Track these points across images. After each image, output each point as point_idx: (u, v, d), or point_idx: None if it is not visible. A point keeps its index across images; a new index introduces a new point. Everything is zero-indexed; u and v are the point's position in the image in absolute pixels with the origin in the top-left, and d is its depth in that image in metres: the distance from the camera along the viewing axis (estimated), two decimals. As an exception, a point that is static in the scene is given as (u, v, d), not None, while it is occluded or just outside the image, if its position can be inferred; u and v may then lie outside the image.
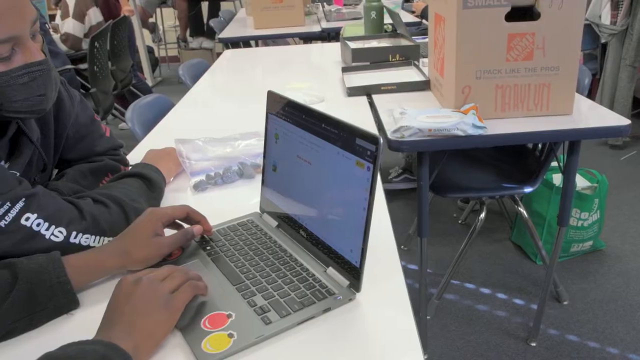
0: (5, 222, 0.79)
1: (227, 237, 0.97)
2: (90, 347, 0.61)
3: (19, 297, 0.74)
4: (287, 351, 0.71)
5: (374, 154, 0.72)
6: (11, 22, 0.76)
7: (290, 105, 0.91)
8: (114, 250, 0.85)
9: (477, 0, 1.38)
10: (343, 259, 0.81)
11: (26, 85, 0.80)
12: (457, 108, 1.47)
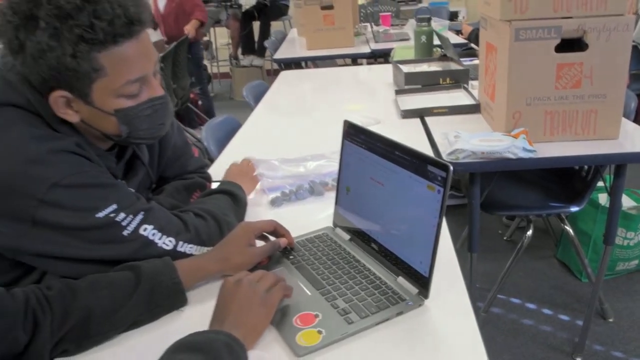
0: (128, 232, 0.94)
1: (306, 247, 1.10)
2: (215, 336, 0.75)
3: (142, 295, 0.89)
4: (367, 347, 0.83)
5: (445, 179, 0.84)
6: (141, 65, 0.91)
7: (366, 134, 1.04)
8: (215, 257, 0.99)
9: (529, 33, 1.48)
10: (412, 269, 0.93)
11: (150, 117, 0.96)
12: (508, 132, 1.58)
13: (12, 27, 0.83)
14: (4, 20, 0.83)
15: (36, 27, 0.82)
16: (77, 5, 0.82)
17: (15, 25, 0.83)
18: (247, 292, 0.85)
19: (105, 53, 0.86)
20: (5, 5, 0.83)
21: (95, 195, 0.92)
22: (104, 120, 0.93)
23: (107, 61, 0.87)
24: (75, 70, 0.85)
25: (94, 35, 0.83)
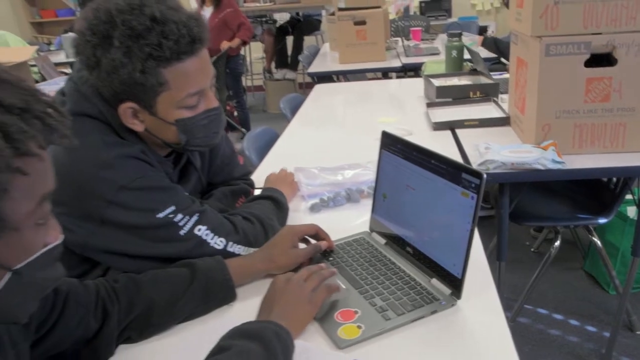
0: (184, 231, 1.03)
1: (344, 250, 1.17)
2: (265, 325, 0.82)
3: (197, 289, 0.97)
4: (403, 343, 0.89)
5: (478, 186, 0.91)
6: (200, 79, 1.00)
7: (403, 143, 1.11)
8: (262, 257, 1.07)
9: (559, 49, 1.54)
10: (446, 272, 1.00)
11: (206, 126, 1.05)
12: (537, 144, 1.63)
13: (90, 46, 0.93)
14: (83, 40, 0.94)
15: (111, 46, 0.91)
16: (147, 27, 0.91)
17: (93, 44, 0.93)
18: (296, 290, 0.92)
19: (170, 69, 0.95)
20: (85, 27, 0.93)
21: (156, 197, 1.01)
22: (166, 129, 1.03)
23: (171, 76, 0.96)
24: (143, 84, 0.95)
25: (162, 53, 0.93)
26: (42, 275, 0.62)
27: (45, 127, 0.55)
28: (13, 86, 0.54)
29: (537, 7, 1.53)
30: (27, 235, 0.58)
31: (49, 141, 0.56)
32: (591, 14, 1.52)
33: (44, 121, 0.55)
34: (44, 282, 0.63)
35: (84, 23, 0.94)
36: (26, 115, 0.54)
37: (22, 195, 0.55)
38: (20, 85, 0.55)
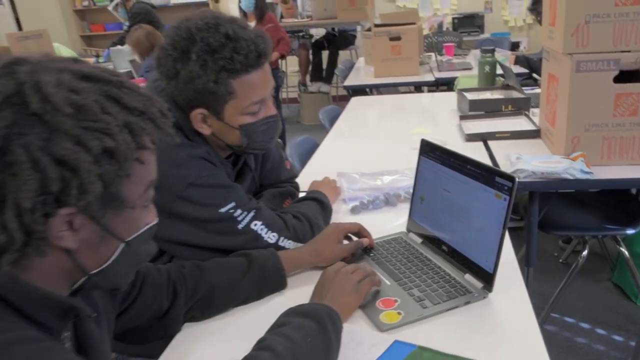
0: (242, 226, 1.15)
1: (384, 247, 1.27)
2: (318, 306, 0.93)
3: (253, 277, 1.09)
4: (439, 329, 0.99)
5: (511, 189, 1.01)
6: (263, 89, 1.13)
7: (440, 150, 1.22)
8: (310, 250, 1.18)
9: (589, 65, 1.62)
10: (478, 267, 1.09)
11: (264, 131, 1.17)
12: (567, 155, 1.71)
13: (171, 59, 1.06)
14: (165, 54, 1.07)
15: (189, 59, 1.05)
16: (222, 43, 1.05)
17: (174, 57, 1.06)
18: (344, 280, 1.03)
19: (238, 80, 1.08)
20: (167, 42, 1.07)
21: (219, 194, 1.14)
22: (230, 133, 1.15)
23: (239, 86, 1.09)
24: (215, 93, 1.08)
25: (233, 66, 1.06)
26: (143, 248, 0.74)
27: (156, 127, 0.68)
28: (134, 92, 0.67)
29: (569, 26, 1.62)
30: (137, 214, 0.70)
31: (158, 138, 0.69)
32: (620, 33, 1.60)
33: (155, 122, 0.68)
34: (143, 254, 0.76)
35: (167, 39, 1.07)
36: (144, 116, 0.66)
37: (138, 180, 0.68)
38: (139, 91, 0.68)
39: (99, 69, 0.66)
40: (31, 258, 0.62)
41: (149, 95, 0.68)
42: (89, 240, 0.66)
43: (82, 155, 0.59)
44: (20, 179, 0.57)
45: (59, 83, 0.60)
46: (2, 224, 0.57)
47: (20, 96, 0.58)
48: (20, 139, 0.57)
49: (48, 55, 0.64)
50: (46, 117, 0.58)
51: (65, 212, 0.61)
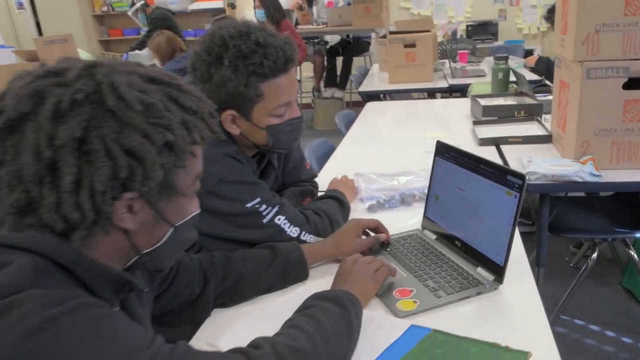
0: (266, 220, 1.23)
1: (400, 243, 1.34)
2: (340, 292, 1.00)
3: (277, 267, 1.16)
4: (452, 317, 1.05)
5: (521, 186, 1.07)
6: (289, 92, 1.21)
7: (455, 151, 1.28)
8: (331, 244, 1.26)
9: (599, 73, 1.69)
10: (490, 260, 1.15)
11: (289, 132, 1.25)
12: (577, 159, 1.77)
13: (205, 64, 1.15)
14: (199, 59, 1.16)
15: (222, 64, 1.13)
16: (253, 49, 1.13)
17: (208, 62, 1.15)
18: (361, 269, 1.10)
19: (267, 83, 1.16)
20: (202, 49, 1.16)
21: (246, 190, 1.22)
22: (257, 133, 1.23)
23: (267, 89, 1.17)
24: (245, 96, 1.16)
25: (262, 70, 1.14)
26: (188, 235, 0.82)
27: (206, 125, 0.76)
28: (189, 94, 0.75)
29: (579, 34, 1.69)
30: (186, 202, 0.78)
31: (207, 135, 0.77)
32: (629, 42, 1.66)
33: (205, 120, 0.76)
34: (187, 240, 0.83)
35: (202, 46, 1.16)
36: (197, 115, 0.74)
37: (190, 171, 0.76)
38: (193, 93, 0.76)
39: (160, 73, 0.74)
40: (95, 236, 0.70)
41: (201, 97, 0.76)
42: (145, 223, 0.73)
43: (147, 147, 0.67)
44: (95, 165, 0.65)
45: (130, 84, 0.68)
46: (77, 203, 0.65)
47: (98, 94, 0.66)
48: (97, 130, 0.65)
49: (117, 60, 0.73)
50: (119, 113, 0.66)
51: (129, 196, 0.69)
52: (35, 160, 0.64)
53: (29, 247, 0.66)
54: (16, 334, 0.58)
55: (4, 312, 0.59)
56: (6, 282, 0.61)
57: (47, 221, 0.66)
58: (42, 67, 0.69)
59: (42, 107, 0.64)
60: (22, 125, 0.65)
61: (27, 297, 0.60)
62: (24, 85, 0.66)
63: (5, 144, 0.65)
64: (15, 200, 0.65)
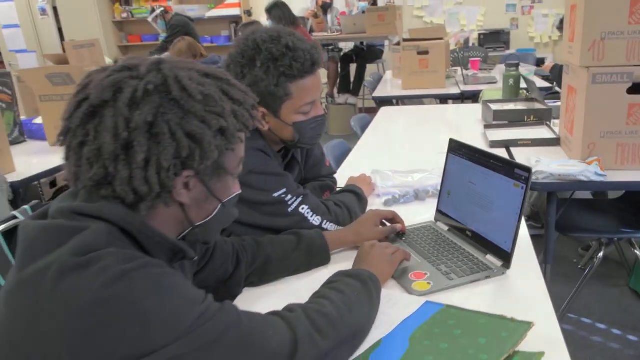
0: (291, 209, 1.33)
1: (414, 233, 1.44)
2: (361, 270, 1.10)
3: (302, 251, 1.26)
4: (463, 297, 1.14)
5: (527, 178, 1.17)
6: (314, 92, 1.32)
7: (467, 148, 1.38)
8: (351, 232, 1.36)
9: (604, 78, 1.78)
10: (498, 248, 1.25)
11: (313, 129, 1.36)
12: (583, 160, 1.86)
13: (239, 65, 1.26)
14: (234, 61, 1.27)
15: (255, 66, 1.24)
16: (283, 53, 1.24)
17: (242, 64, 1.26)
18: (379, 252, 1.20)
19: (295, 83, 1.27)
20: (237, 52, 1.27)
21: (273, 180, 1.32)
22: (284, 129, 1.34)
23: (295, 89, 1.28)
24: (275, 95, 1.27)
25: (291, 72, 1.25)
26: (231, 212, 0.93)
27: (250, 115, 0.87)
28: (237, 88, 0.86)
29: (586, 42, 1.78)
30: (231, 182, 0.89)
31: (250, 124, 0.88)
32: (633, 48, 1.76)
33: (249, 111, 0.87)
34: (230, 217, 0.94)
35: (237, 49, 1.27)
36: (243, 106, 0.85)
37: (236, 155, 0.87)
38: (240, 87, 0.87)
39: (213, 70, 0.85)
40: (157, 209, 0.81)
41: (246, 91, 0.87)
42: (198, 199, 0.84)
43: (205, 131, 0.78)
44: (162, 146, 0.76)
45: (190, 78, 0.79)
46: (146, 178, 0.76)
47: (165, 86, 0.77)
48: (164, 116, 0.76)
49: (176, 58, 0.84)
50: (182, 102, 0.77)
51: (187, 174, 0.80)
52: (113, 140, 0.75)
53: (102, 215, 0.76)
54: (96, 284, 0.68)
55: (85, 266, 0.69)
56: (86, 242, 0.72)
57: (119, 193, 0.77)
58: (117, 63, 0.81)
59: (121, 96, 0.75)
60: (102, 111, 0.76)
61: (105, 254, 0.71)
62: (104, 77, 0.77)
63: (87, 127, 0.76)
64: (94, 174, 0.76)
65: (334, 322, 0.89)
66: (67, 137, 0.79)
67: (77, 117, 0.77)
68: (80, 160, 0.77)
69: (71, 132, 0.78)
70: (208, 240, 0.94)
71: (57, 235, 0.74)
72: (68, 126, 0.78)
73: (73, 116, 0.77)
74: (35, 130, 2.85)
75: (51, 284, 0.69)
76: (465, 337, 0.93)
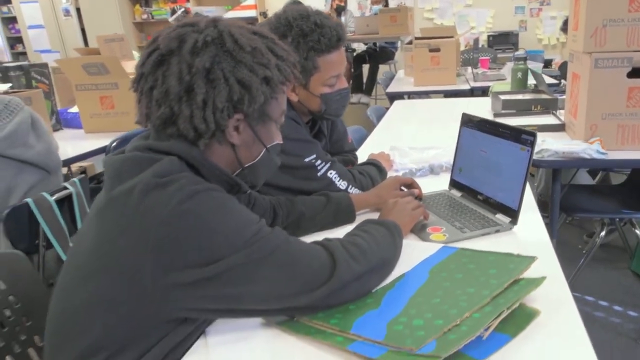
0: (320, 173, 1.49)
1: (430, 198, 1.59)
2: (386, 220, 1.24)
3: (330, 210, 1.41)
4: (475, 246, 1.29)
5: (533, 142, 1.32)
6: (339, 66, 1.47)
7: (480, 120, 1.53)
8: (374, 194, 1.51)
9: (606, 63, 1.93)
10: (506, 207, 1.39)
11: (338, 100, 1.51)
12: (586, 140, 2.00)
13: None
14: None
15: (286, 41, 1.40)
16: (312, 29, 1.39)
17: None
18: (401, 207, 1.35)
19: (322, 57, 1.43)
20: (269, 28, 1.42)
21: (305, 147, 1.48)
22: (312, 100, 1.50)
23: (322, 63, 1.43)
24: (304, 68, 1.42)
25: (319, 46, 1.40)
26: (274, 159, 1.08)
27: (291, 70, 1.02)
28: (280, 46, 1.01)
29: (588, 29, 1.93)
30: (275, 130, 1.05)
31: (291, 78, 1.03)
32: (633, 35, 1.90)
33: (291, 67, 1.02)
34: (274, 163, 1.09)
35: (270, 25, 1.43)
36: (285, 62, 1.00)
37: (279, 104, 1.02)
38: (282, 45, 1.02)
39: (260, 29, 1.01)
40: (213, 146, 0.96)
41: (289, 50, 1.03)
42: (246, 141, 1.00)
43: (253, 78, 0.93)
44: (217, 89, 0.91)
45: (241, 33, 0.95)
46: (204, 117, 0.91)
47: (221, 39, 0.93)
48: (219, 64, 0.91)
49: (229, 18, 1.00)
50: (234, 53, 0.93)
51: (237, 117, 0.95)
52: (178, 83, 0.90)
53: (171, 150, 0.92)
54: (173, 200, 0.84)
55: (164, 185, 0.85)
56: (164, 167, 0.88)
57: (182, 130, 0.93)
58: (179, 22, 0.97)
59: (184, 45, 0.91)
60: (169, 59, 0.92)
61: (180, 177, 0.87)
62: (170, 31, 0.93)
63: (156, 73, 0.92)
64: (162, 113, 0.92)
65: (365, 252, 1.03)
66: (139, 83, 0.95)
67: (149, 64, 0.93)
68: (151, 102, 0.93)
69: (143, 78, 0.94)
70: (255, 183, 1.09)
71: (139, 163, 0.90)
72: (141, 72, 0.94)
73: (145, 64, 0.93)
74: (70, 119, 3.03)
75: (137, 199, 0.85)
76: (477, 269, 1.08)
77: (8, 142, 1.70)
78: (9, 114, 1.75)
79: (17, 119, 1.75)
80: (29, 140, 1.76)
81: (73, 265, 0.92)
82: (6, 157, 1.70)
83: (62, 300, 0.92)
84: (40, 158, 1.78)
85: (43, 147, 1.80)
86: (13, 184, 1.74)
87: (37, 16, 7.13)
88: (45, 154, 1.81)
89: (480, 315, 0.89)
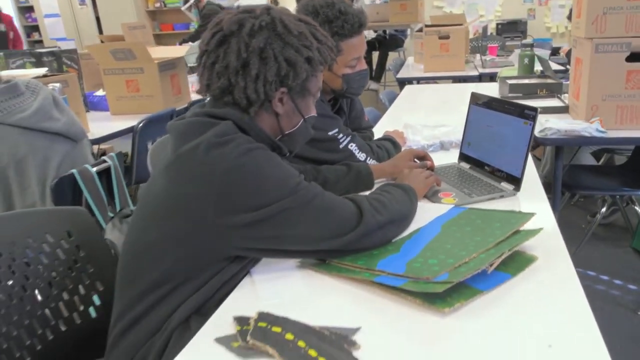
0: (342, 146, 1.64)
1: (441, 169, 1.74)
2: (403, 183, 1.40)
3: (352, 177, 1.57)
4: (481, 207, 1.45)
5: (534, 116, 1.46)
6: (360, 49, 1.62)
7: (487, 98, 1.68)
8: (391, 165, 1.66)
9: (606, 47, 2.06)
10: (510, 175, 1.54)
11: (358, 80, 1.66)
12: (587, 120, 2.14)
13: None
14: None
15: None
16: (336, 15, 1.54)
17: None
18: (415, 174, 1.50)
19: (346, 41, 1.58)
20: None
21: (328, 121, 1.63)
22: (335, 80, 1.65)
23: (345, 46, 1.58)
24: None
25: (343, 31, 1.55)
26: (309, 129, 1.24)
27: (328, 53, 1.17)
28: (320, 32, 1.16)
29: (590, 16, 2.07)
30: (311, 103, 1.20)
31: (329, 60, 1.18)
32: (631, 22, 2.04)
33: (327, 49, 1.17)
34: (308, 133, 1.25)
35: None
36: (324, 46, 1.15)
37: (317, 81, 1.18)
38: (323, 32, 1.17)
39: (304, 17, 1.16)
40: (261, 115, 1.12)
41: (327, 36, 1.18)
42: (288, 112, 1.16)
43: (298, 57, 1.09)
44: (268, 66, 1.07)
45: (290, 20, 1.11)
46: (256, 88, 1.07)
47: (272, 24, 1.09)
48: (271, 45, 1.07)
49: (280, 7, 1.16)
50: (284, 36, 1.09)
51: (282, 90, 1.11)
52: (236, 59, 1.06)
53: (227, 116, 1.08)
54: (232, 156, 1.00)
55: (224, 144, 1.01)
56: (223, 129, 1.04)
57: (237, 99, 1.08)
58: (238, 9, 1.12)
59: (243, 28, 1.07)
60: (230, 39, 1.07)
61: (236, 137, 1.03)
62: (232, 16, 1.09)
63: (218, 51, 1.08)
64: (221, 84, 1.08)
65: (387, 206, 1.19)
66: (202, 58, 1.11)
67: (213, 43, 1.09)
68: (212, 75, 1.09)
69: (206, 54, 1.10)
70: (292, 149, 1.25)
71: (201, 126, 1.06)
72: (205, 49, 1.10)
73: (209, 42, 1.09)
74: (97, 102, 3.19)
75: (202, 154, 1.01)
76: (483, 223, 1.24)
77: (38, 117, 1.86)
78: (32, 93, 1.92)
79: (40, 97, 1.92)
80: (54, 114, 1.93)
81: (144, 212, 1.09)
82: (39, 131, 1.87)
83: (136, 239, 1.09)
84: (66, 128, 1.94)
85: (67, 119, 1.97)
86: (49, 154, 1.90)
87: (53, 5, 7.31)
88: (70, 125, 1.97)
89: (485, 256, 1.04)
